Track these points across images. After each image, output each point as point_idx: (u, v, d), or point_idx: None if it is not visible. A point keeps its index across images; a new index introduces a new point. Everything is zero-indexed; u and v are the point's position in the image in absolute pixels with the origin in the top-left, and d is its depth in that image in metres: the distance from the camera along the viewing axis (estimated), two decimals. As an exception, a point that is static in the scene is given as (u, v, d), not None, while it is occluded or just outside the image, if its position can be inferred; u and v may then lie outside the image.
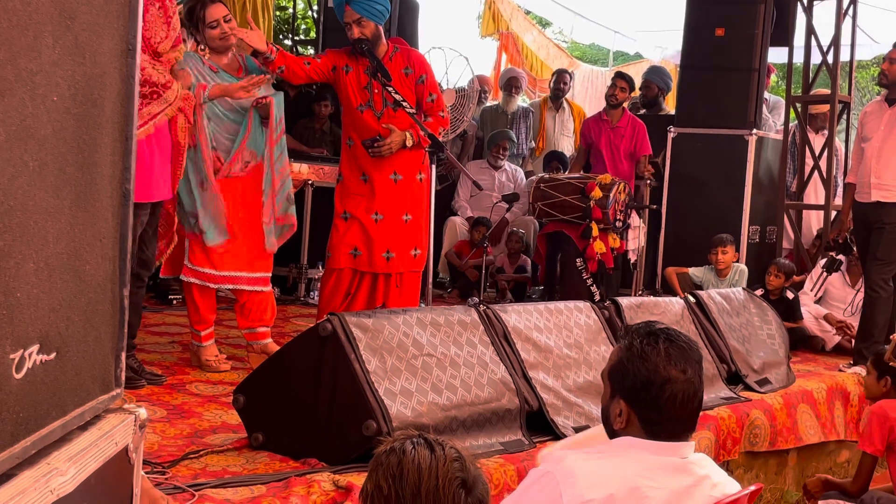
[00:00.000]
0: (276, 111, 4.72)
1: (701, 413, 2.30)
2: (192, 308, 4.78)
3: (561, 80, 9.86)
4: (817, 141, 8.02)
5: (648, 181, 7.50)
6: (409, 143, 5.14)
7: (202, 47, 4.71)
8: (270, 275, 4.93)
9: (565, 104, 9.95)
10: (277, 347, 4.80)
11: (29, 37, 1.35)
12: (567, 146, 9.74)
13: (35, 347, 1.40)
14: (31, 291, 1.38)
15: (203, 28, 4.65)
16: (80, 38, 1.50)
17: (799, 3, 7.92)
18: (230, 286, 4.77)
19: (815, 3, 7.93)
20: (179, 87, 4.25)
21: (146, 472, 2.73)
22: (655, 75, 9.26)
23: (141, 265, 4.27)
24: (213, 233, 4.64)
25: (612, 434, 2.29)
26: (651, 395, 2.18)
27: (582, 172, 7.74)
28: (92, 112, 1.54)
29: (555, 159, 8.99)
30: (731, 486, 2.27)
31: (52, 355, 1.46)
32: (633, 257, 7.55)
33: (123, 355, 1.71)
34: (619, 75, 7.94)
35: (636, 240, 7.51)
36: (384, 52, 5.19)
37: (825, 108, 7.95)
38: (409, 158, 5.22)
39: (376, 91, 5.14)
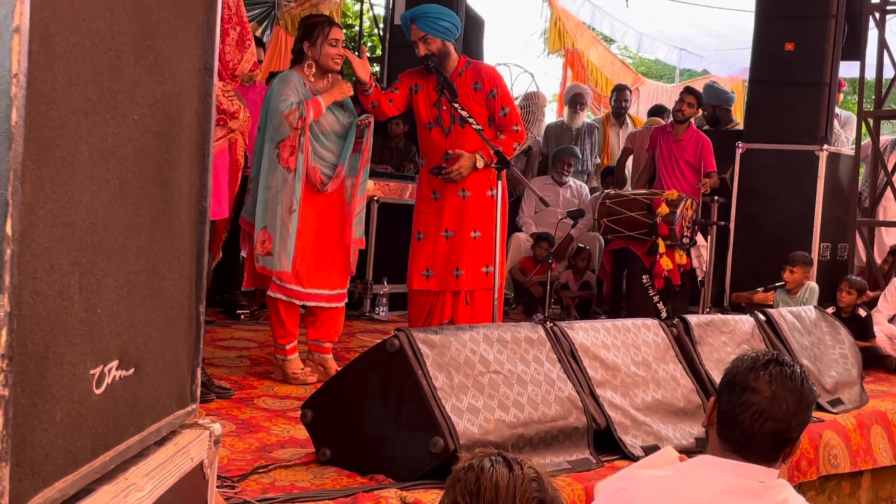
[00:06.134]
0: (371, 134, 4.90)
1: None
2: (278, 322, 4.84)
3: (621, 96, 9.82)
4: (893, 157, 7.86)
5: (717, 198, 7.39)
6: (479, 164, 5.11)
7: (309, 64, 4.81)
8: (346, 290, 5.02)
9: (628, 120, 9.90)
10: (336, 364, 4.87)
11: (111, 56, 1.37)
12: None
13: (115, 363, 1.42)
14: (111, 308, 1.40)
15: (323, 43, 4.77)
16: (160, 57, 1.52)
17: (871, 17, 7.78)
18: (313, 303, 4.84)
19: (887, 16, 7.78)
20: (245, 114, 4.37)
21: (216, 487, 2.75)
22: (707, 96, 9.07)
23: None
24: (279, 261, 4.69)
25: (705, 432, 2.29)
26: (731, 396, 2.17)
27: (647, 188, 7.68)
28: (171, 131, 1.57)
29: (611, 175, 8.94)
30: (808, 512, 2.22)
31: (131, 371, 1.48)
32: (700, 275, 7.45)
33: (199, 371, 1.72)
34: (688, 90, 7.86)
35: (698, 258, 7.41)
36: (454, 69, 5.20)
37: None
38: (479, 175, 5.19)
39: (444, 108, 5.15)
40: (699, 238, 7.25)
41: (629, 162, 8.91)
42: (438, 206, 5.21)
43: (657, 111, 9.68)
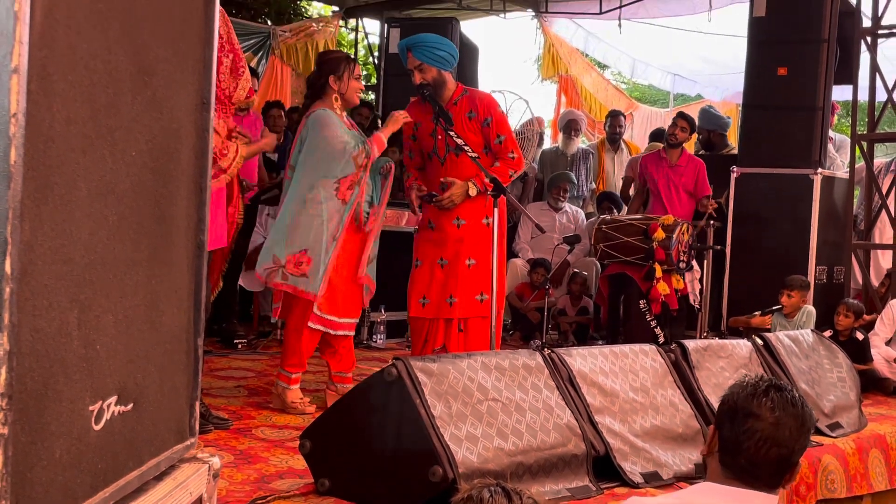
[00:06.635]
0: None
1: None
2: (295, 351, 4.87)
3: (616, 122, 9.87)
4: (887, 180, 7.89)
5: (713, 223, 7.41)
6: (472, 192, 5.13)
7: (335, 97, 4.96)
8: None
9: (623, 145, 9.94)
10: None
11: (109, 94, 1.38)
12: (627, 187, 9.70)
13: (113, 399, 1.42)
14: (109, 343, 1.40)
15: (349, 78, 4.96)
16: (157, 93, 1.53)
17: (863, 41, 7.82)
18: (341, 332, 4.94)
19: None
20: (237, 151, 4.38)
21: (215, 519, 2.74)
22: (703, 120, 9.12)
23: None
24: (311, 283, 4.75)
25: (703, 461, 2.28)
26: (734, 424, 2.17)
27: (642, 213, 7.70)
28: (168, 166, 1.57)
29: (606, 200, 8.97)
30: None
31: (130, 406, 1.48)
32: (692, 300, 7.45)
33: (197, 405, 1.72)
34: (681, 115, 7.90)
35: (691, 283, 7.40)
36: (449, 97, 5.22)
37: None
38: (474, 203, 5.20)
39: (440, 137, 5.17)
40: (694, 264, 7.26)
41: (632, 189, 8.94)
42: (435, 234, 5.23)
43: (657, 135, 9.71)
